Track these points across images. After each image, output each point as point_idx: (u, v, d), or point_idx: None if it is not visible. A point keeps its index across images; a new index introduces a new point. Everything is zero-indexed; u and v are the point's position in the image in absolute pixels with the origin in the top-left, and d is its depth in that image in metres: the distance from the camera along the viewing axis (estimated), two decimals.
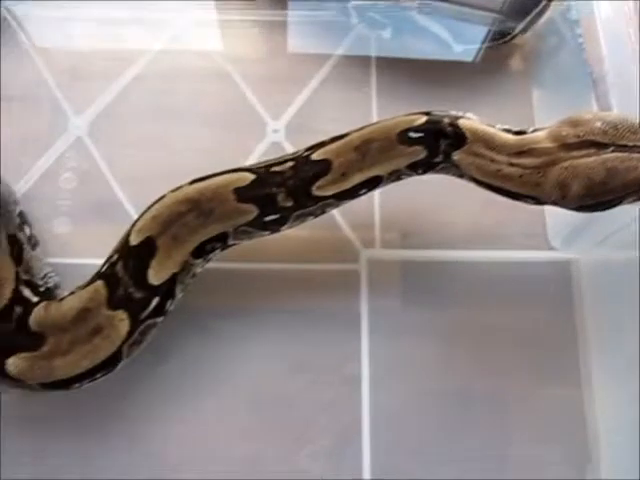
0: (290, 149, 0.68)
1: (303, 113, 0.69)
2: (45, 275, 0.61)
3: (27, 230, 0.62)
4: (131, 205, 0.67)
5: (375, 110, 0.69)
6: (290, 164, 0.59)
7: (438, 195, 0.67)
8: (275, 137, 0.69)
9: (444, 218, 0.67)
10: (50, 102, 0.70)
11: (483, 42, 0.70)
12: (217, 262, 0.61)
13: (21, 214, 0.62)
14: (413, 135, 0.58)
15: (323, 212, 0.60)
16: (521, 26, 0.67)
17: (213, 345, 0.62)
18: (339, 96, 0.69)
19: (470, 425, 0.61)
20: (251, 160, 0.67)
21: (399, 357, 0.62)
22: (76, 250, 0.64)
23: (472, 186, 0.61)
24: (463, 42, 0.69)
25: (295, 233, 0.62)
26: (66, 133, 0.69)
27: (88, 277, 0.60)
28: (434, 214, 0.67)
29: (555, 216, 0.67)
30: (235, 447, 0.61)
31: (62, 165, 0.68)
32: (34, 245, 0.62)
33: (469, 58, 0.71)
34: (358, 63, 0.70)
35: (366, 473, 0.60)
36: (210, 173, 0.60)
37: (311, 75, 0.70)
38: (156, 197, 0.60)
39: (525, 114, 0.70)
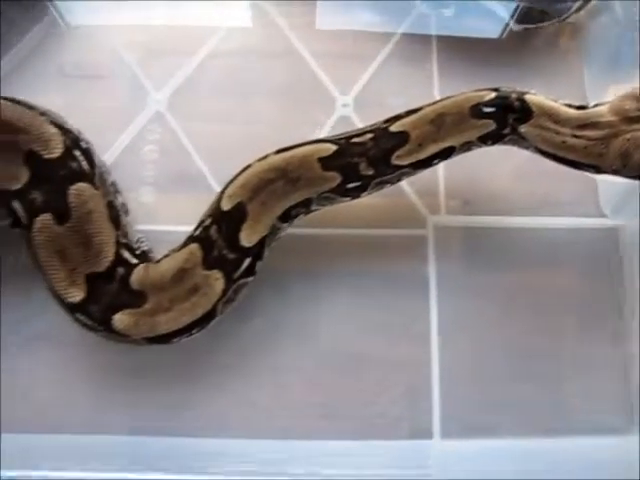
0: (358, 123, 0.72)
1: (369, 89, 0.74)
2: (137, 240, 0.66)
3: (119, 198, 0.67)
4: (210, 174, 0.72)
5: (436, 86, 0.74)
6: (370, 135, 0.64)
7: (495, 165, 0.72)
8: (344, 111, 0.73)
9: (501, 187, 0.72)
10: (129, 79, 0.74)
11: (539, 21, 0.74)
12: (294, 227, 0.66)
13: (113, 183, 0.67)
14: (484, 109, 0.63)
15: (399, 180, 0.65)
16: (577, 5, 0.72)
17: (291, 305, 0.68)
18: (402, 73, 0.74)
19: (529, 378, 0.67)
20: (323, 133, 0.72)
21: (465, 316, 0.68)
22: (160, 218, 0.69)
23: (528, 157, 0.66)
24: (520, 21, 0.74)
25: (365, 201, 0.67)
26: (146, 108, 0.73)
27: (172, 243, 0.66)
28: (492, 183, 0.72)
29: (606, 185, 0.72)
30: (312, 398, 0.67)
31: (144, 138, 0.72)
32: (125, 212, 0.67)
33: (524, 37, 0.76)
34: (420, 41, 0.75)
35: (436, 425, 0.65)
36: (287, 145, 0.65)
37: (376, 52, 0.75)
38: (233, 167, 0.66)
39: (577, 92, 0.75)
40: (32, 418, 0.65)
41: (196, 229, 0.63)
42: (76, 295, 0.60)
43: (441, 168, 0.70)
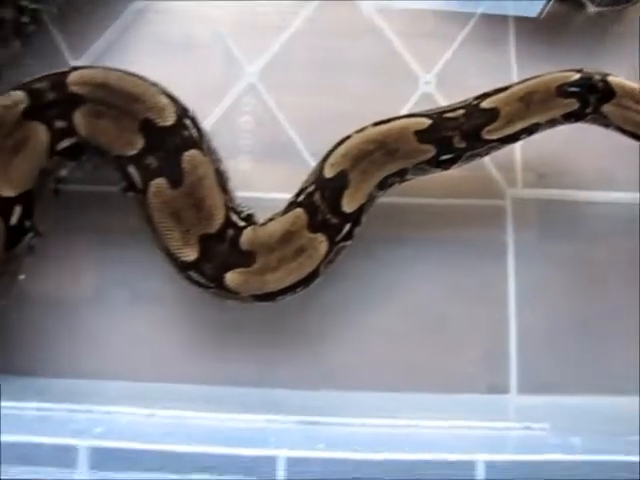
0: (440, 99, 0.77)
1: (450, 67, 0.78)
2: (239, 205, 0.71)
3: (221, 165, 0.72)
4: (301, 144, 0.76)
5: (514, 66, 0.78)
6: (461, 111, 0.69)
7: (568, 141, 0.77)
8: (426, 88, 0.78)
9: (573, 162, 0.77)
10: (223, 51, 0.78)
11: (616, 3, 0.79)
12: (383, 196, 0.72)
13: (215, 151, 0.72)
14: (569, 89, 0.69)
15: (487, 153, 0.71)
16: None
17: (379, 268, 0.73)
18: (480, 52, 0.78)
19: (602, 339, 0.73)
20: (406, 108, 0.77)
21: (540, 281, 0.74)
22: (255, 185, 0.74)
23: (600, 134, 0.72)
24: (597, 3, 0.79)
25: (450, 173, 0.72)
26: (240, 80, 0.78)
27: (266, 209, 0.71)
28: (565, 158, 0.77)
29: None
30: (399, 357, 0.73)
31: (239, 109, 0.77)
32: (228, 179, 0.72)
33: (600, 19, 0.81)
34: (498, 21, 0.79)
35: (513, 383, 0.72)
36: (372, 118, 0.70)
37: (456, 33, 0.79)
38: (322, 137, 0.72)
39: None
40: (133, 368, 0.72)
41: (299, 195, 0.69)
42: (190, 255, 0.66)
43: (518, 144, 0.75)
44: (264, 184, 0.74)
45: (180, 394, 0.69)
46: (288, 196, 0.72)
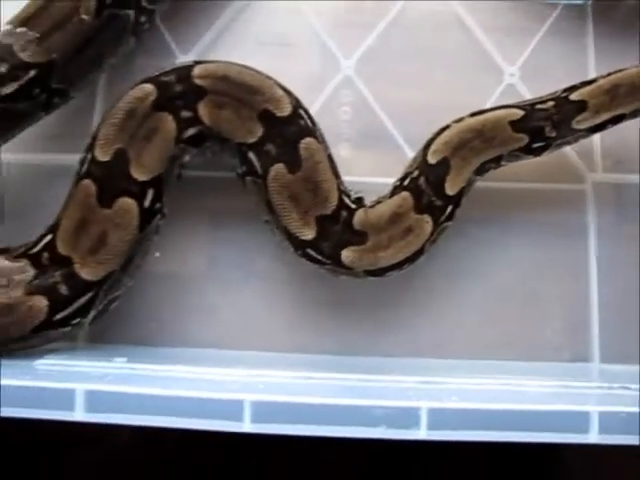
0: (525, 91, 0.84)
1: (532, 60, 0.85)
2: (348, 188, 0.78)
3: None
4: (396, 132, 0.83)
5: (592, 59, 0.85)
6: (552, 103, 0.76)
7: None
8: (511, 80, 0.85)
9: None
10: (320, 47, 0.86)
11: None
12: None
13: (324, 139, 0.79)
14: None
15: (576, 141, 0.78)
16: None
17: (471, 248, 0.81)
18: (561, 45, 0.85)
19: None
20: (492, 100, 0.84)
21: (620, 258, 0.80)
22: (355, 170, 0.81)
23: None
24: None
25: (535, 159, 0.79)
26: (338, 73, 0.85)
27: (366, 191, 0.78)
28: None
29: None
30: (491, 329, 0.80)
31: (338, 100, 0.84)
32: (336, 164, 0.79)
33: None
34: (576, 16, 0.86)
35: (595, 352, 0.79)
36: (459, 108, 0.78)
37: (539, 25, 0.85)
38: (415, 125, 0.81)
39: None
40: (251, 340, 0.80)
41: (404, 180, 0.76)
42: (308, 234, 0.73)
43: None
44: (362, 169, 0.82)
45: (296, 361, 0.77)
46: (384, 180, 0.80)
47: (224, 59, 0.80)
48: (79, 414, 0.56)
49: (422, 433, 0.55)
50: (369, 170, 0.81)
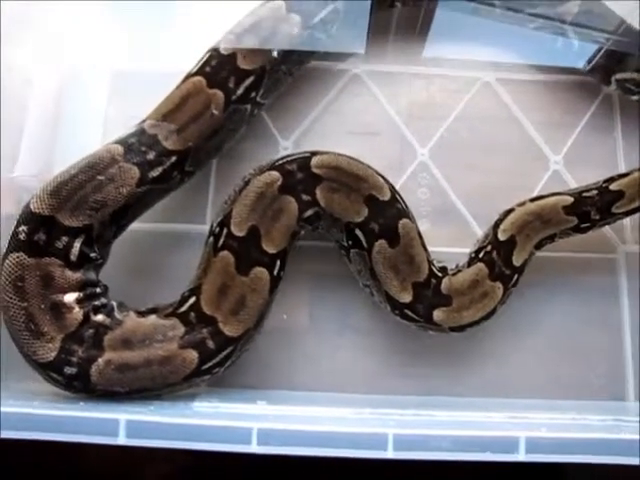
0: (568, 177, 1.07)
1: (573, 150, 1.08)
2: (433, 259, 0.98)
3: None
4: (465, 209, 1.05)
5: (621, 149, 1.09)
6: (595, 192, 0.98)
7: None
8: (555, 167, 1.08)
9: None
10: (399, 137, 1.07)
11: None
12: None
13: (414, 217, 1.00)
14: None
15: (614, 222, 1.00)
16: None
17: (527, 306, 1.01)
18: (596, 138, 1.09)
19: None
20: (540, 185, 1.07)
21: None
22: (432, 241, 1.00)
23: None
24: None
25: None
26: (415, 159, 1.07)
27: (445, 261, 0.99)
28: None
29: None
30: (542, 374, 1.01)
31: (417, 182, 1.05)
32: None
33: None
34: (608, 114, 1.10)
35: (631, 395, 1.00)
36: (519, 192, 1.00)
37: (578, 121, 1.09)
38: (481, 204, 1.03)
39: None
40: (346, 384, 0.99)
41: (478, 252, 0.97)
42: (406, 297, 0.93)
43: None
44: (438, 240, 1.01)
45: (383, 402, 0.97)
46: (456, 249, 1.02)
47: (318, 145, 1.01)
48: (254, 447, 0.74)
49: (521, 456, 0.75)
50: (444, 241, 1.02)
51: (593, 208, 0.97)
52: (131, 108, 1.00)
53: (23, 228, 0.86)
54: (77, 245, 0.88)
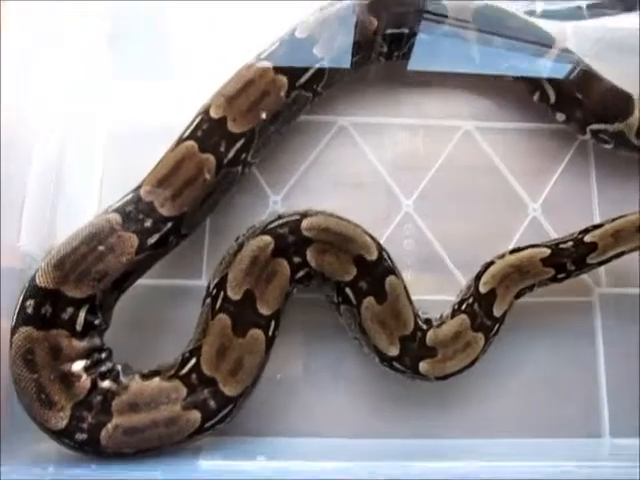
0: (546, 223, 1.15)
1: (550, 198, 1.16)
2: (419, 310, 1.06)
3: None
4: (448, 259, 1.13)
5: (596, 197, 1.17)
6: (571, 243, 1.06)
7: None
8: (534, 214, 1.16)
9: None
10: (385, 188, 1.15)
11: None
12: None
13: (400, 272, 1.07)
14: None
15: (589, 271, 1.09)
16: None
17: (505, 349, 1.09)
18: (572, 186, 1.17)
19: None
20: (520, 231, 1.15)
21: (622, 353, 1.10)
22: (417, 290, 1.08)
23: None
24: None
25: None
26: (401, 210, 1.14)
27: (427, 307, 1.07)
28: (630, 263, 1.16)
29: None
30: (520, 413, 1.09)
31: (402, 233, 1.13)
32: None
33: None
34: (583, 163, 1.18)
35: (606, 432, 1.10)
36: (500, 240, 1.09)
37: (555, 168, 1.17)
38: (463, 253, 1.09)
39: None
40: (337, 429, 1.07)
41: (461, 304, 1.05)
42: (394, 351, 1.01)
43: None
44: (423, 289, 1.09)
45: (373, 447, 1.06)
46: (440, 297, 1.09)
47: (307, 198, 1.09)
48: None
49: None
50: (428, 290, 1.10)
51: (569, 260, 1.06)
52: (128, 165, 1.08)
53: (30, 302, 0.93)
54: (82, 315, 0.95)
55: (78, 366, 0.94)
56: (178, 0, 1.22)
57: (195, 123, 1.05)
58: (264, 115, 1.06)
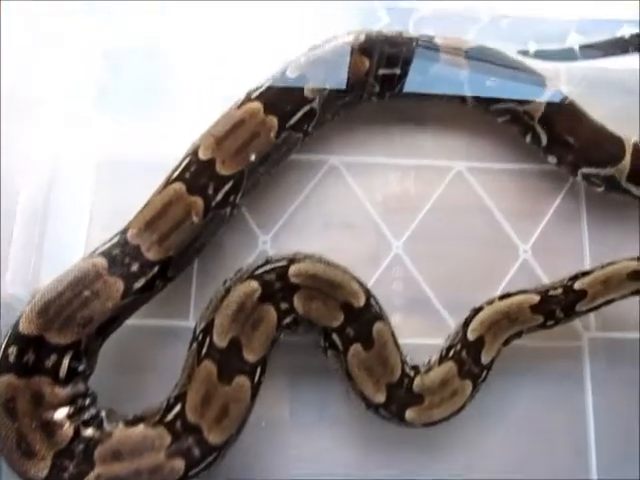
0: (536, 265, 1.15)
1: (541, 240, 1.16)
2: (406, 357, 1.06)
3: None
4: (438, 302, 1.12)
5: (587, 240, 1.17)
6: (560, 290, 1.06)
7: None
8: (525, 256, 1.15)
9: (628, 309, 1.16)
10: (375, 229, 1.14)
11: None
12: None
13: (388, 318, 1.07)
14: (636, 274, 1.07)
15: (577, 318, 1.08)
16: None
17: (494, 394, 1.09)
18: (562, 228, 1.17)
19: None
20: (510, 272, 1.14)
21: (611, 398, 1.10)
22: (406, 333, 1.08)
23: None
24: None
25: None
26: (390, 252, 1.14)
27: (415, 350, 1.07)
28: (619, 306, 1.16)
29: None
30: (507, 457, 1.10)
31: (391, 275, 1.13)
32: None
33: None
34: (575, 204, 1.18)
35: (593, 474, 1.09)
36: (488, 282, 1.08)
37: (546, 210, 1.17)
38: (452, 295, 1.09)
39: None
40: (323, 468, 1.07)
41: (448, 351, 1.05)
42: (380, 398, 1.01)
43: None
44: (410, 332, 1.09)
45: None
46: (428, 340, 1.09)
47: (296, 238, 1.09)
48: None
49: None
50: (417, 333, 1.10)
51: (558, 307, 1.05)
52: (116, 205, 1.07)
53: (13, 349, 0.93)
54: (66, 361, 0.94)
55: (61, 414, 0.94)
56: (172, 35, 1.22)
57: (184, 164, 1.05)
58: (253, 157, 1.06)
